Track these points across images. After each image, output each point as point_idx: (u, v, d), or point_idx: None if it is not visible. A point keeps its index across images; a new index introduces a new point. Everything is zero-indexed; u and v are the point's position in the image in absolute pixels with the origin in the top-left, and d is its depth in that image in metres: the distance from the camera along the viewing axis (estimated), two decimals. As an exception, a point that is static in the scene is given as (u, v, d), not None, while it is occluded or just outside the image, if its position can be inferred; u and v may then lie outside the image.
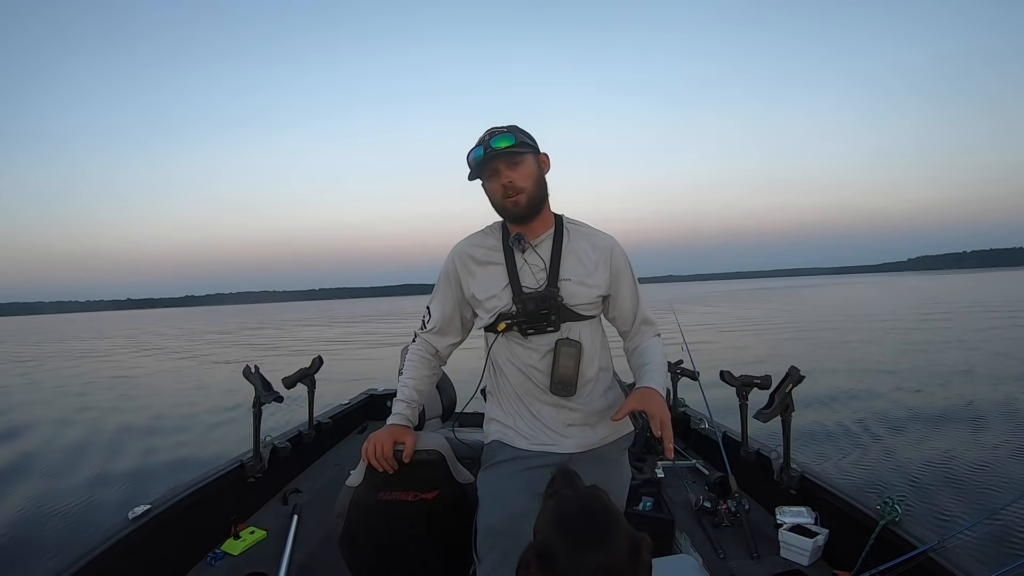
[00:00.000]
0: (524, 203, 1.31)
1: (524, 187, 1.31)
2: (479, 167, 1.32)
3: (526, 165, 1.32)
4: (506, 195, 1.31)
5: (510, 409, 1.39)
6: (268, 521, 2.29)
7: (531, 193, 1.32)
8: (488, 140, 1.30)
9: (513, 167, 1.30)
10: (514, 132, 1.31)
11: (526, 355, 1.34)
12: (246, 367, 2.43)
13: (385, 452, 1.34)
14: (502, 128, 1.31)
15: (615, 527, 0.82)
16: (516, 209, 1.32)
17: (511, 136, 1.29)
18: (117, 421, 7.51)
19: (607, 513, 0.84)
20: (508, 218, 1.36)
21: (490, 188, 1.34)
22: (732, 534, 2.15)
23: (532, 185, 1.32)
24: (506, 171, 1.30)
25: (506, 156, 1.29)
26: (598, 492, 0.88)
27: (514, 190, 1.30)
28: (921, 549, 1.56)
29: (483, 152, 1.29)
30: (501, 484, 1.33)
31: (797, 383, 2.13)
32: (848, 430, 5.45)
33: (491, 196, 1.35)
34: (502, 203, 1.33)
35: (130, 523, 1.77)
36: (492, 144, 1.28)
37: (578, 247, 1.37)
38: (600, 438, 1.38)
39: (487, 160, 1.29)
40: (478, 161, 1.30)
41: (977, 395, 6.65)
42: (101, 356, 18.65)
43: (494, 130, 1.31)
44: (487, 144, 1.29)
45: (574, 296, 1.33)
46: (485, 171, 1.32)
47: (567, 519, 0.84)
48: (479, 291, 1.37)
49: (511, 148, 1.28)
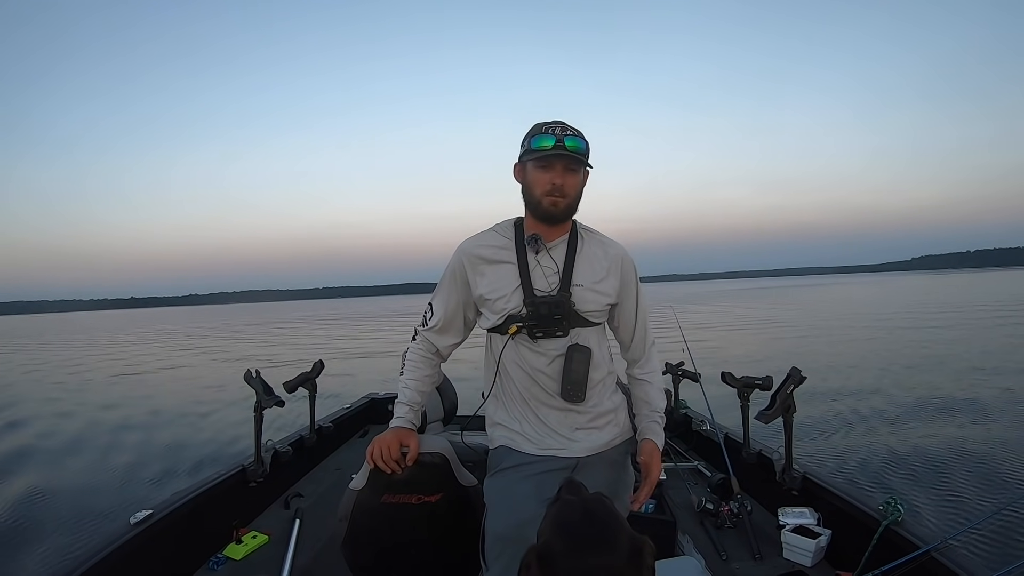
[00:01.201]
0: (562, 208, 1.30)
1: (569, 195, 1.30)
2: (540, 155, 1.27)
3: (579, 176, 1.31)
4: (551, 193, 1.28)
5: (516, 413, 1.38)
6: (270, 525, 2.29)
7: (571, 202, 1.31)
8: (562, 135, 1.26)
9: (569, 172, 1.29)
10: (584, 139, 1.28)
11: (534, 359, 1.33)
12: (247, 371, 2.43)
13: (390, 454, 1.34)
14: (574, 129, 1.28)
15: (616, 530, 0.82)
16: (553, 210, 1.30)
17: (583, 143, 1.27)
18: (117, 424, 7.50)
19: (609, 516, 0.84)
20: (538, 215, 1.32)
21: (535, 178, 1.30)
22: (734, 535, 2.14)
23: (575, 195, 1.31)
24: (563, 173, 1.28)
25: (570, 160, 1.27)
26: (601, 497, 0.88)
27: (561, 193, 1.28)
28: (924, 549, 1.56)
29: (553, 143, 1.25)
30: (509, 490, 1.32)
31: (798, 384, 2.13)
32: (850, 430, 5.44)
33: (531, 186, 1.31)
34: (541, 198, 1.29)
35: (132, 528, 1.77)
36: (566, 142, 1.25)
37: (591, 253, 1.36)
38: (607, 440, 1.38)
39: (553, 153, 1.26)
40: (543, 149, 1.26)
41: (979, 394, 6.64)
42: (102, 356, 18.66)
43: (566, 126, 1.28)
44: (561, 138, 1.25)
45: (585, 302, 1.32)
46: (542, 160, 1.28)
47: (569, 521, 0.84)
48: (488, 291, 1.35)
49: (579, 155, 1.27)
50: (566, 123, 1.29)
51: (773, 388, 2.19)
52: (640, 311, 1.42)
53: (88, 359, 18.25)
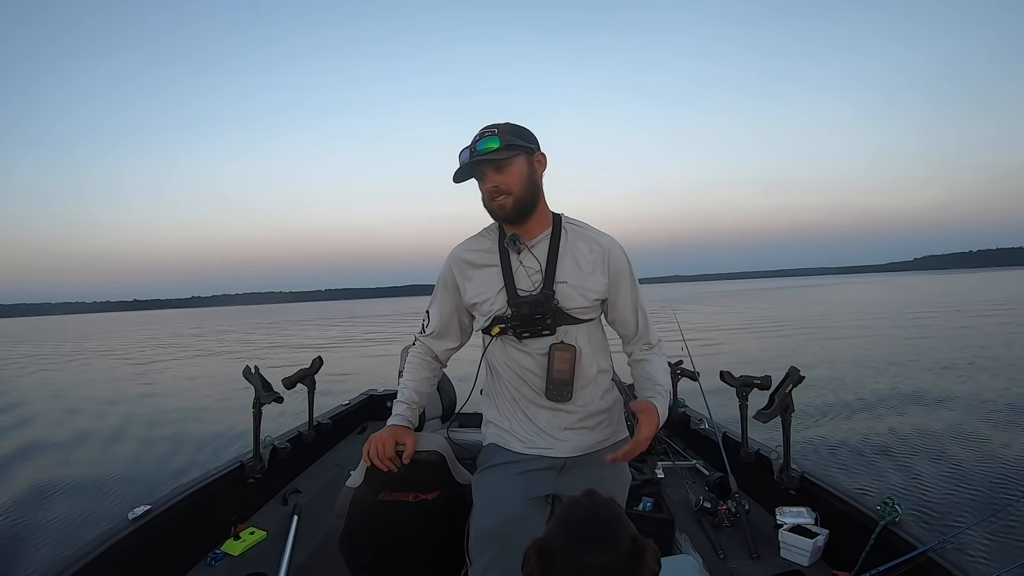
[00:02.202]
0: (510, 206, 1.28)
1: (511, 190, 1.27)
2: (465, 171, 1.29)
3: (515, 167, 1.28)
4: (492, 198, 1.28)
5: (506, 412, 1.38)
6: (268, 521, 2.29)
7: (518, 196, 1.28)
8: (476, 140, 1.27)
9: (499, 170, 1.27)
10: (502, 133, 1.27)
11: (521, 358, 1.33)
12: (246, 367, 2.43)
13: (386, 452, 1.34)
14: (491, 128, 1.28)
15: (619, 531, 0.82)
16: (502, 212, 1.29)
17: (497, 138, 1.26)
18: (116, 421, 7.53)
19: (614, 519, 0.84)
20: (496, 220, 1.35)
21: (480, 190, 1.32)
22: (732, 534, 2.14)
23: (520, 188, 1.28)
24: (492, 174, 1.27)
25: (491, 160, 1.26)
26: (611, 502, 0.88)
27: (499, 193, 1.27)
28: (921, 549, 1.56)
29: (469, 155, 1.27)
30: (495, 487, 1.33)
31: (797, 384, 2.13)
32: (848, 430, 5.44)
33: (482, 197, 1.33)
34: (488, 205, 1.31)
35: (130, 523, 1.78)
36: (478, 147, 1.26)
37: (576, 248, 1.33)
38: (596, 441, 1.37)
39: (473, 164, 1.27)
40: (464, 164, 1.28)
41: (978, 395, 6.65)
42: (104, 356, 18.69)
43: (484, 131, 1.28)
44: (474, 146, 1.27)
45: (570, 299, 1.30)
46: (473, 173, 1.30)
47: (573, 520, 0.85)
48: (475, 295, 1.35)
49: (496, 151, 1.25)
50: (493, 124, 1.29)
51: (772, 387, 2.19)
52: (637, 302, 1.38)
53: (89, 359, 18.27)
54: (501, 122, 1.30)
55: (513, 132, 1.28)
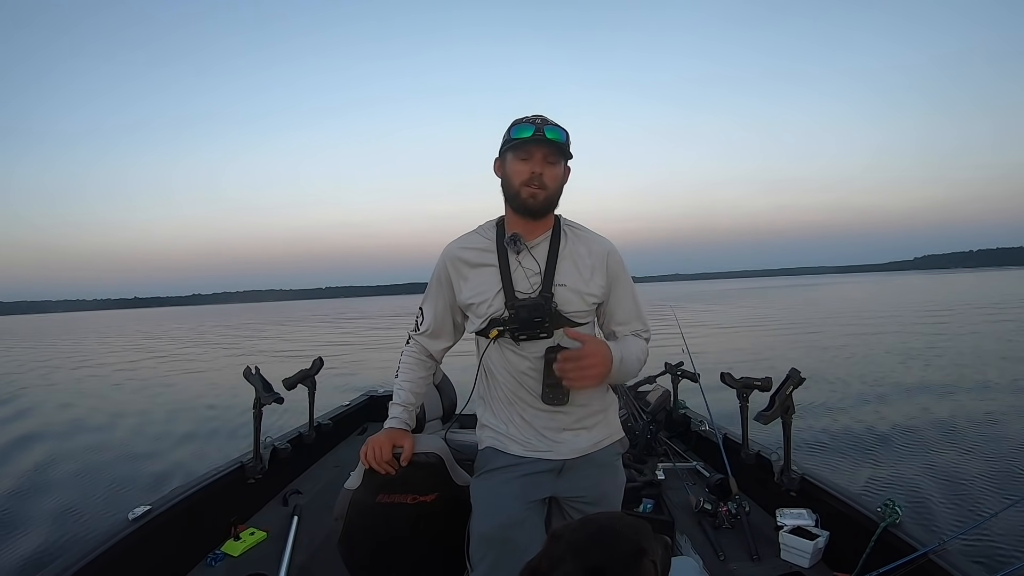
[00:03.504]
0: (541, 201, 1.27)
1: (549, 187, 1.27)
2: (519, 143, 1.26)
3: (560, 168, 1.29)
4: (529, 183, 1.26)
5: (503, 415, 1.37)
6: (268, 522, 2.29)
7: (550, 195, 1.28)
8: (542, 124, 1.25)
9: (550, 163, 1.27)
10: (565, 132, 1.28)
11: (519, 361, 1.31)
12: (246, 368, 2.43)
13: (383, 455, 1.34)
14: (555, 122, 1.27)
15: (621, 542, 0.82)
16: (532, 201, 1.27)
17: (563, 133, 1.27)
18: (116, 421, 7.52)
19: (626, 529, 0.83)
20: (516, 206, 1.30)
21: (514, 169, 1.28)
22: (732, 536, 2.14)
23: (555, 189, 1.29)
24: (542, 163, 1.26)
25: (550, 149, 1.25)
26: (636, 519, 0.88)
27: (540, 184, 1.26)
28: (922, 551, 1.56)
29: (532, 132, 1.24)
30: (494, 491, 1.32)
31: (797, 385, 2.13)
32: (848, 431, 5.43)
33: (510, 177, 1.29)
34: (520, 189, 1.27)
35: (130, 524, 1.78)
36: (545, 131, 1.24)
37: (575, 251, 1.33)
38: (594, 442, 1.36)
39: (532, 142, 1.24)
40: (522, 138, 1.25)
41: (978, 395, 6.64)
42: (105, 355, 18.69)
43: (547, 119, 1.27)
44: (540, 127, 1.24)
45: (568, 303, 1.29)
46: (521, 151, 1.27)
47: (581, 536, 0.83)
48: (471, 295, 1.33)
49: (560, 145, 1.26)
50: (547, 116, 1.29)
51: (772, 389, 2.19)
52: (634, 303, 1.38)
53: (90, 358, 18.28)
54: (557, 121, 1.29)
55: (568, 135, 1.30)
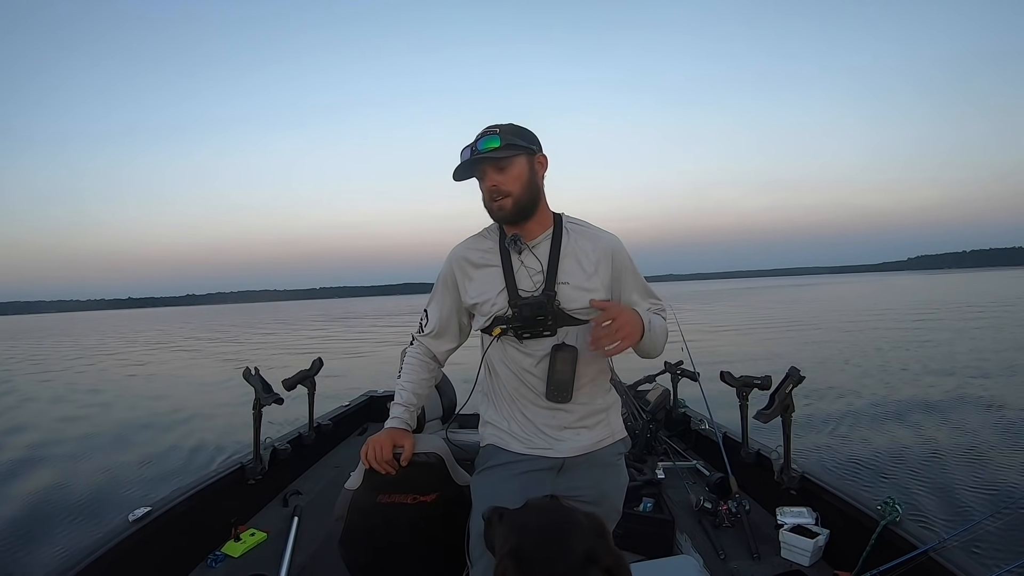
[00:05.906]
0: (509, 207, 1.28)
1: (511, 191, 1.27)
2: (466, 169, 1.29)
3: (515, 167, 1.27)
4: (492, 198, 1.28)
5: (505, 412, 1.38)
6: (268, 523, 2.29)
7: (518, 197, 1.28)
8: (476, 141, 1.27)
9: (500, 170, 1.26)
10: (503, 133, 1.26)
11: (522, 359, 1.32)
12: (246, 369, 2.43)
13: (384, 455, 1.34)
14: (493, 128, 1.28)
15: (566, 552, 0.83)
16: (501, 213, 1.29)
17: (497, 138, 1.25)
18: (116, 422, 7.51)
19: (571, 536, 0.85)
20: (496, 221, 1.34)
21: (480, 189, 1.31)
22: (733, 535, 2.15)
23: (520, 188, 1.28)
24: (492, 174, 1.26)
25: (492, 159, 1.26)
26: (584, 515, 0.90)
27: (499, 193, 1.27)
28: (922, 549, 1.57)
29: (469, 154, 1.26)
30: (494, 488, 1.32)
31: (797, 383, 2.13)
32: (849, 430, 5.44)
33: (482, 198, 1.32)
34: (489, 206, 1.30)
35: (130, 525, 1.78)
36: (479, 147, 1.25)
37: (578, 248, 1.33)
38: (595, 441, 1.37)
39: (473, 163, 1.27)
40: (465, 162, 1.28)
41: (978, 395, 6.65)
42: (104, 355, 18.66)
43: (485, 130, 1.28)
44: (475, 144, 1.26)
45: (572, 300, 1.30)
46: (474, 172, 1.30)
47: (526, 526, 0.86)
48: (476, 295, 1.35)
49: (497, 150, 1.25)
50: (495, 124, 1.28)
51: (772, 387, 2.19)
52: (642, 292, 1.39)
53: (90, 357, 18.24)
54: (503, 123, 1.30)
55: (514, 132, 1.28)
